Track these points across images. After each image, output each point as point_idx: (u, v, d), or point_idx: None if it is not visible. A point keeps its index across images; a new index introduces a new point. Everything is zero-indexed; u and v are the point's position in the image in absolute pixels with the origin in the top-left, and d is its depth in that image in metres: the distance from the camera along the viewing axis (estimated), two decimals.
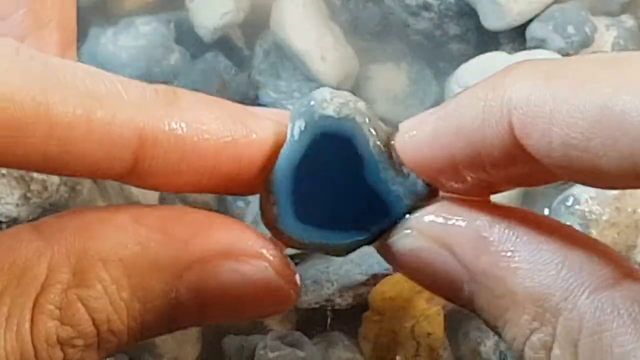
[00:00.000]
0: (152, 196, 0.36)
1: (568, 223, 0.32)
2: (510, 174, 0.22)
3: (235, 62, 0.40)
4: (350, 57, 0.40)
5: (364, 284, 0.33)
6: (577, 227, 0.32)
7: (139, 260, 0.22)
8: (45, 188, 0.31)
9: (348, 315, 0.34)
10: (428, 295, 0.33)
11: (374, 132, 0.23)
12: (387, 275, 0.33)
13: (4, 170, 0.30)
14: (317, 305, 0.33)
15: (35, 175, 0.31)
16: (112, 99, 0.21)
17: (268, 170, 0.23)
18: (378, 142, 0.23)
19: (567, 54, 0.36)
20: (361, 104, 0.23)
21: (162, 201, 0.36)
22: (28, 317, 0.21)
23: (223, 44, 0.40)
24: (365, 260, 0.33)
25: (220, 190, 0.24)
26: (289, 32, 0.38)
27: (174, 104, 0.22)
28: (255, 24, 0.40)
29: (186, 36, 0.40)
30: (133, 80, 0.22)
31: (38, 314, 0.21)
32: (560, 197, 0.33)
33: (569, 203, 0.33)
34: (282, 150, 0.23)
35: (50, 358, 0.21)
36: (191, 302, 0.22)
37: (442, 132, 0.22)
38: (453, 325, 0.34)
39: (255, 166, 0.23)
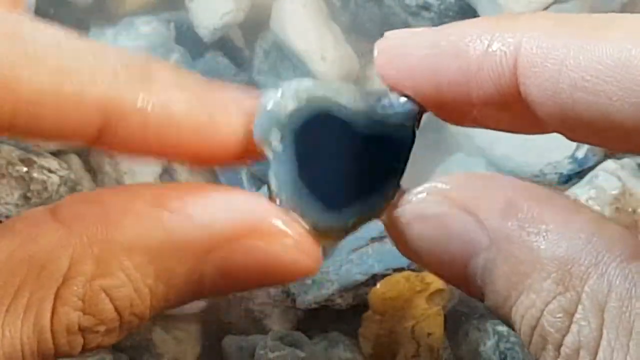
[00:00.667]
0: None
1: None
2: (490, 111, 0.22)
3: (235, 62, 0.40)
4: (350, 57, 0.40)
5: (364, 284, 0.33)
6: None
7: (163, 246, 0.22)
8: (45, 188, 0.31)
9: (348, 315, 0.34)
10: (428, 296, 0.33)
11: (342, 91, 0.23)
12: (387, 275, 0.33)
13: (4, 171, 0.30)
14: (317, 305, 0.33)
15: (35, 175, 0.31)
16: (82, 74, 0.21)
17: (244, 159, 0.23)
18: (352, 96, 0.23)
19: None
20: (307, 82, 0.23)
21: None
22: (49, 308, 0.21)
23: (223, 44, 0.40)
24: (365, 260, 0.33)
25: (188, 163, 0.24)
26: (289, 32, 0.38)
27: (146, 83, 0.22)
28: (255, 24, 0.40)
29: (186, 36, 0.40)
30: (109, 50, 0.22)
31: (60, 306, 0.21)
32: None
33: None
34: (276, 168, 0.23)
35: (70, 345, 0.21)
36: (214, 280, 0.22)
37: (437, 51, 0.22)
38: (453, 325, 0.34)
39: (221, 151, 0.23)
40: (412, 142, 0.23)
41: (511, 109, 0.22)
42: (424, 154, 0.32)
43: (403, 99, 0.23)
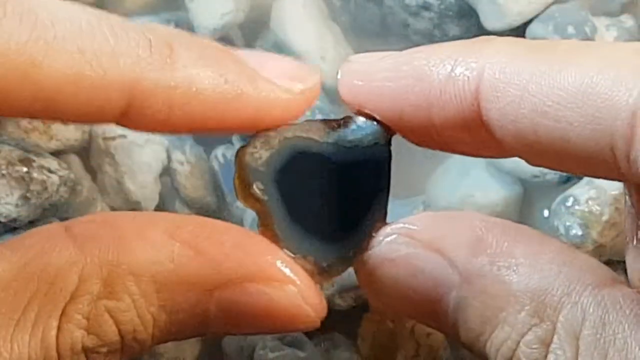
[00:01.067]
0: (152, 196, 0.36)
1: (568, 223, 0.32)
2: (453, 134, 0.22)
3: None
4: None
5: None
6: (577, 227, 0.32)
7: (171, 276, 0.22)
8: (45, 188, 0.31)
9: (348, 316, 0.34)
10: None
11: (310, 126, 0.23)
12: None
13: (3, 171, 0.30)
14: None
15: (35, 175, 0.31)
16: (102, 58, 0.21)
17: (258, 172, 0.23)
18: (321, 128, 0.23)
19: None
20: (272, 134, 0.23)
21: (161, 197, 0.36)
22: (55, 324, 0.21)
23: (223, 44, 0.40)
24: None
25: (213, 133, 0.24)
26: (289, 32, 0.38)
27: (168, 62, 0.22)
28: (255, 24, 0.40)
29: None
30: (129, 28, 0.22)
31: (65, 323, 0.21)
32: (560, 198, 0.33)
33: (569, 203, 0.33)
34: (267, 216, 0.23)
35: None
36: (218, 318, 0.22)
37: (401, 74, 0.22)
38: None
39: (245, 125, 0.23)
40: (390, 156, 0.23)
41: (473, 133, 0.22)
42: (423, 156, 0.32)
43: (370, 120, 0.23)
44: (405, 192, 0.37)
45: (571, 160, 0.20)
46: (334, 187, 0.23)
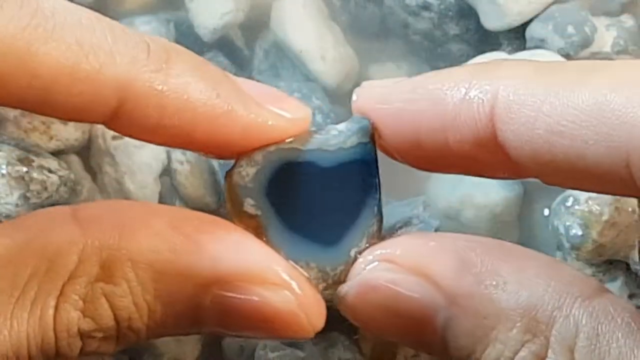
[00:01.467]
0: (152, 196, 0.35)
1: (568, 223, 0.32)
2: (469, 157, 0.22)
3: (235, 62, 0.40)
4: (350, 57, 0.40)
5: None
6: (577, 227, 0.32)
7: (169, 267, 0.22)
8: (45, 188, 0.31)
9: None
10: None
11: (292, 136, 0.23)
12: None
13: (3, 170, 0.30)
14: None
15: (35, 175, 0.31)
16: (100, 53, 0.21)
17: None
18: (303, 137, 0.23)
19: (567, 54, 0.36)
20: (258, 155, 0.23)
21: (161, 197, 0.36)
22: (53, 304, 0.21)
23: (223, 44, 0.40)
24: None
25: (197, 152, 0.24)
26: (289, 32, 0.38)
27: (163, 68, 0.22)
28: (255, 24, 0.40)
29: (186, 36, 0.40)
30: (129, 31, 0.22)
31: (62, 303, 0.21)
32: (560, 197, 0.33)
33: (569, 203, 0.33)
34: (263, 230, 0.23)
35: (70, 347, 0.21)
36: (212, 314, 0.22)
37: (416, 97, 0.22)
38: None
39: (233, 143, 0.23)
40: (375, 153, 0.24)
41: (489, 154, 0.22)
42: None
43: (350, 123, 0.23)
44: (405, 193, 0.37)
45: (587, 178, 0.20)
46: (323, 191, 0.23)
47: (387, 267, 0.23)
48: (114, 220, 0.22)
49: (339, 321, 0.34)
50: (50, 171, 0.31)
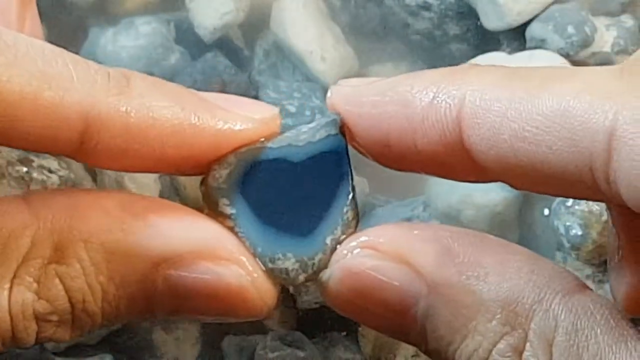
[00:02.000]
0: (153, 193, 0.36)
1: (568, 223, 0.33)
2: (436, 160, 0.23)
3: (235, 62, 0.40)
4: (350, 57, 0.40)
5: None
6: (577, 227, 0.32)
7: (120, 246, 0.22)
8: (45, 188, 0.31)
9: None
10: None
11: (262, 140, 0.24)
12: None
13: (3, 171, 0.30)
14: (317, 305, 0.33)
15: (35, 175, 0.31)
16: (62, 80, 0.21)
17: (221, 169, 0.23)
18: (273, 136, 0.23)
19: (567, 54, 0.36)
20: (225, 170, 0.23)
21: (161, 197, 0.36)
22: (7, 286, 0.21)
23: (223, 44, 0.40)
24: None
25: (170, 172, 0.24)
26: (289, 32, 0.38)
27: (125, 90, 0.22)
28: (255, 24, 0.40)
29: (186, 36, 0.40)
30: (89, 61, 0.22)
31: (17, 285, 0.21)
32: (560, 198, 0.33)
33: (569, 203, 0.33)
34: (239, 229, 0.23)
35: (26, 331, 0.21)
36: (166, 294, 0.22)
37: (385, 100, 0.22)
38: None
39: (204, 154, 0.23)
40: (346, 145, 0.24)
41: (456, 158, 0.22)
42: None
43: (319, 119, 0.24)
44: (405, 193, 0.37)
45: (552, 183, 0.21)
46: (296, 185, 0.24)
47: (369, 253, 0.23)
48: (65, 203, 0.22)
49: (339, 321, 0.34)
50: (50, 171, 0.31)
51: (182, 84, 0.38)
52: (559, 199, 0.33)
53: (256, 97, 0.39)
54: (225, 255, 0.23)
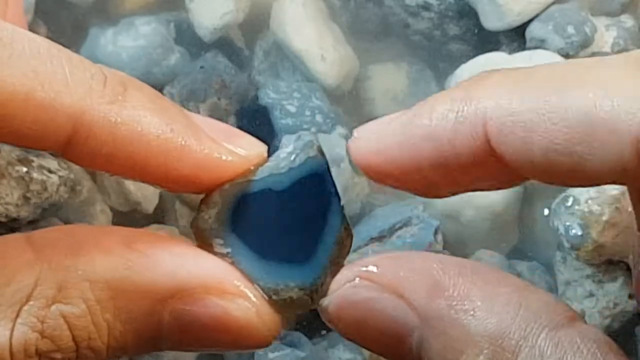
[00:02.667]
0: (152, 196, 0.36)
1: (568, 223, 0.32)
2: (476, 178, 0.23)
3: (235, 62, 0.40)
4: (350, 57, 0.40)
5: None
6: (577, 227, 0.32)
7: (126, 284, 0.22)
8: (45, 188, 0.31)
9: None
10: None
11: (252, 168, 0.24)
12: None
13: (3, 171, 0.30)
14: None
15: (35, 175, 0.31)
16: (55, 82, 0.21)
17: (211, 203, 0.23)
18: (255, 168, 0.24)
19: (567, 54, 0.36)
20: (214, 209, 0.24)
21: (161, 197, 0.36)
22: (9, 326, 0.21)
23: (223, 44, 0.40)
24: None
25: (153, 185, 0.24)
26: (289, 32, 0.38)
27: (118, 99, 0.22)
28: (255, 24, 0.40)
29: (186, 36, 0.40)
30: (86, 62, 0.22)
31: (20, 325, 0.21)
32: (560, 198, 0.33)
33: (569, 203, 0.33)
34: (236, 264, 0.23)
35: None
36: (172, 328, 0.23)
37: (411, 136, 0.22)
38: None
39: (186, 177, 0.23)
40: (327, 166, 0.24)
41: (490, 170, 0.22)
42: None
43: (296, 141, 0.24)
44: (405, 193, 0.36)
45: (586, 180, 0.21)
46: (285, 213, 0.24)
47: (364, 284, 0.23)
48: (68, 242, 0.22)
49: None
50: (50, 171, 0.31)
51: (182, 84, 0.38)
52: (558, 199, 0.33)
53: (256, 97, 0.39)
54: (230, 289, 0.23)
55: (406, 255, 0.24)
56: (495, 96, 0.21)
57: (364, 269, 0.23)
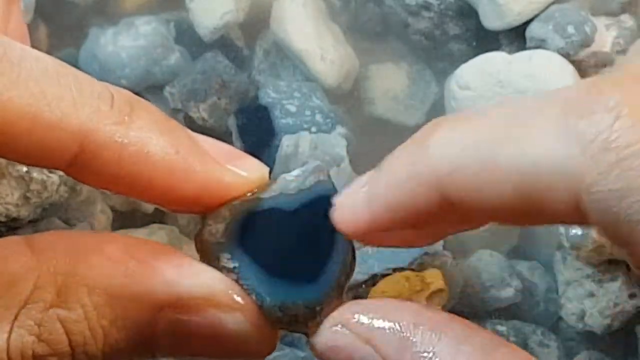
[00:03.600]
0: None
1: None
2: (445, 226, 0.23)
3: (235, 62, 0.40)
4: (350, 57, 0.40)
5: (364, 283, 0.33)
6: (577, 227, 0.32)
7: (124, 291, 0.22)
8: (45, 188, 0.31)
9: None
10: (428, 295, 0.33)
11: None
12: (387, 275, 0.33)
13: (4, 170, 0.31)
14: None
15: (35, 175, 0.31)
16: (63, 103, 0.21)
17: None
18: (265, 186, 0.24)
19: (567, 54, 0.36)
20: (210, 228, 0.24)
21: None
22: (7, 329, 0.21)
23: (223, 44, 0.40)
24: (365, 260, 0.33)
25: (156, 204, 0.24)
26: (289, 32, 0.38)
27: (125, 120, 0.22)
28: (255, 24, 0.40)
29: (186, 36, 0.40)
30: (94, 82, 0.22)
31: (17, 328, 0.21)
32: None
33: None
34: (241, 280, 0.23)
35: None
36: (167, 337, 0.23)
37: (374, 200, 0.23)
38: None
39: (190, 198, 0.23)
40: (334, 186, 0.24)
41: (456, 218, 0.22)
42: None
43: (303, 166, 0.24)
44: None
45: (545, 223, 0.22)
46: (294, 232, 0.24)
47: (344, 331, 0.23)
48: (68, 247, 0.22)
49: None
50: (50, 171, 0.31)
51: (182, 84, 0.38)
52: None
53: (256, 97, 0.39)
54: (228, 302, 0.23)
55: (382, 303, 0.24)
56: (444, 152, 0.21)
57: (347, 316, 0.24)
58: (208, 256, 0.24)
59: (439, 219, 0.22)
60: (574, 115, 0.19)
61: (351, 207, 0.24)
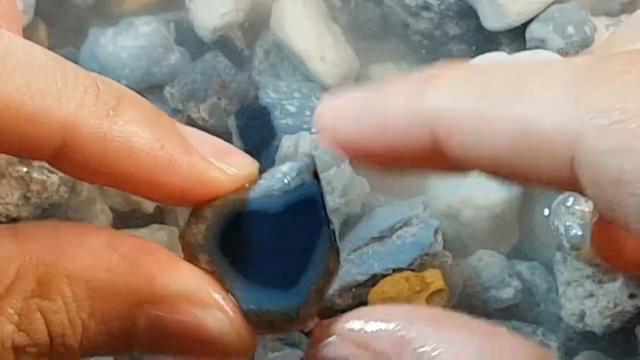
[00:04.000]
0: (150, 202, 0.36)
1: (568, 223, 0.33)
2: (426, 165, 0.23)
3: (235, 62, 0.40)
4: (350, 57, 0.40)
5: (364, 284, 0.33)
6: (577, 227, 0.32)
7: (105, 285, 0.22)
8: (45, 188, 0.31)
9: None
10: (428, 296, 0.33)
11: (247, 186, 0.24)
12: (387, 275, 0.33)
13: (4, 170, 0.31)
14: None
15: (35, 175, 0.31)
16: (47, 96, 0.21)
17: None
18: (250, 187, 0.23)
19: (567, 54, 0.36)
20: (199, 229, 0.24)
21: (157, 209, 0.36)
22: None
23: (223, 44, 0.40)
24: (365, 260, 0.33)
25: (142, 197, 0.24)
26: (289, 32, 0.38)
27: (110, 114, 0.22)
28: (255, 24, 0.40)
29: (186, 36, 0.40)
30: (81, 73, 0.22)
31: None
32: (560, 197, 0.33)
33: (569, 203, 0.33)
34: (222, 282, 0.23)
35: None
36: (146, 333, 0.23)
37: (364, 119, 0.23)
38: None
39: (175, 193, 0.23)
40: (322, 190, 0.24)
41: (444, 161, 0.22)
42: None
43: (291, 163, 0.24)
44: (406, 193, 0.37)
45: (534, 184, 0.22)
46: (275, 236, 0.24)
47: (341, 341, 0.23)
48: (52, 238, 0.22)
49: None
50: (50, 171, 0.31)
51: (182, 84, 0.38)
52: (558, 199, 0.33)
53: (256, 97, 0.39)
54: (208, 300, 0.23)
55: (376, 308, 0.24)
56: (445, 96, 0.22)
57: (341, 326, 0.24)
58: (189, 255, 0.24)
59: (422, 160, 0.22)
60: (577, 80, 0.20)
61: (342, 112, 0.24)
